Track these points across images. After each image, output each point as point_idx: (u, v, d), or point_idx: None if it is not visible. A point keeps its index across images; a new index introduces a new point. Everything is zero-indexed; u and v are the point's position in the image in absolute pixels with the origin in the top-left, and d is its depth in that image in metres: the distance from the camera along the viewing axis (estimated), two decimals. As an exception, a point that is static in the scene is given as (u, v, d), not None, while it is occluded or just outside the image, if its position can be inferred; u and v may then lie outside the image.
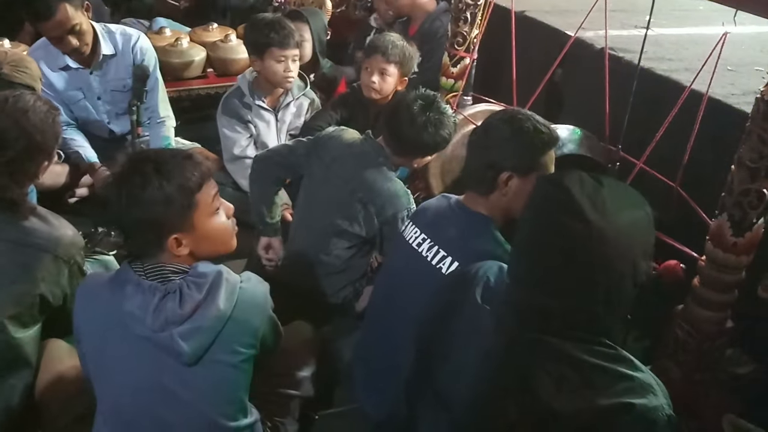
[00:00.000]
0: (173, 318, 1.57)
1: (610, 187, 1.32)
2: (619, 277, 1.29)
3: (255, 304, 1.69)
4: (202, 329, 1.58)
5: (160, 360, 1.59)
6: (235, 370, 1.67)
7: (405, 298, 1.96)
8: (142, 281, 1.60)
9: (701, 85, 2.26)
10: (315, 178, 2.52)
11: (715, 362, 2.05)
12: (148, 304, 1.57)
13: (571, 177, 1.32)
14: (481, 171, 1.89)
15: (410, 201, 2.42)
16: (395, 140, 2.41)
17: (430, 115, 2.34)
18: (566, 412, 1.27)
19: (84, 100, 3.20)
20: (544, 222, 1.32)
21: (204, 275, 1.62)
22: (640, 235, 1.31)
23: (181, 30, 4.05)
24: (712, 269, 1.93)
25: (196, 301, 1.58)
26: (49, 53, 3.06)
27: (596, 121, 2.65)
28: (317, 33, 3.64)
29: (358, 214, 2.42)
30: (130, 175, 1.60)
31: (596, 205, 1.27)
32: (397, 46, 3.05)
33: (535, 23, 3.58)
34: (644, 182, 2.26)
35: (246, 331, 1.66)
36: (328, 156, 2.50)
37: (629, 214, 1.31)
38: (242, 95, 3.11)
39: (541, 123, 1.89)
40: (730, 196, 1.87)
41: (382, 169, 2.41)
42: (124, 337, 1.59)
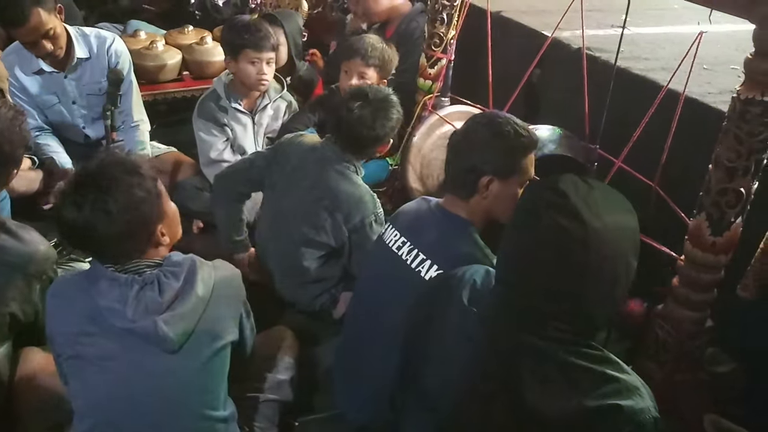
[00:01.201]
0: (154, 307, 1.58)
1: (600, 190, 1.34)
2: (615, 277, 1.30)
3: (231, 288, 1.73)
4: (185, 315, 1.60)
5: (142, 349, 1.60)
6: (215, 357, 1.68)
7: (385, 302, 1.95)
8: (117, 275, 1.61)
9: (678, 85, 2.27)
10: (277, 187, 2.51)
11: (695, 362, 2.06)
12: (127, 296, 1.58)
13: (566, 180, 1.33)
14: (462, 175, 1.88)
15: (376, 205, 2.41)
16: (350, 143, 2.41)
17: (374, 107, 2.36)
18: (552, 413, 1.28)
19: (59, 104, 3.15)
20: (540, 225, 1.31)
21: (179, 264, 1.65)
22: (630, 236, 1.33)
23: (157, 33, 4.01)
24: (691, 269, 1.94)
25: (175, 289, 1.61)
26: (22, 57, 3.01)
27: (575, 121, 2.65)
28: (292, 36, 3.63)
29: (325, 223, 2.41)
30: (105, 190, 1.58)
31: (590, 206, 1.28)
32: (377, 48, 3.04)
33: (511, 23, 3.57)
34: (623, 182, 2.26)
35: (224, 315, 1.70)
36: (288, 164, 2.49)
37: (620, 215, 1.33)
38: (218, 98, 3.07)
39: (521, 126, 1.88)
40: (708, 196, 1.88)
41: (345, 173, 2.40)
42: (103, 331, 1.59)
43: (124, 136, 3.17)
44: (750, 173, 1.82)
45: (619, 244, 1.30)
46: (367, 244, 2.38)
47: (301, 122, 3.07)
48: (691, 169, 2.10)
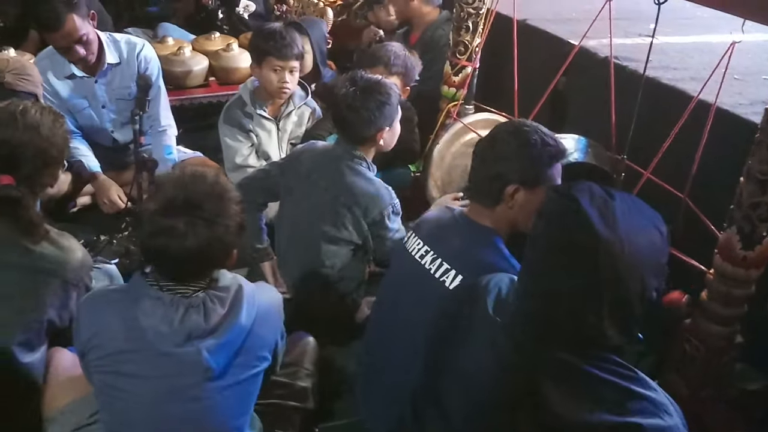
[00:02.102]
0: (197, 332, 1.57)
1: (622, 201, 1.29)
2: (626, 294, 1.25)
3: (271, 316, 1.73)
4: (228, 344, 1.60)
5: (180, 374, 1.59)
6: (250, 383, 1.69)
7: (408, 310, 1.94)
8: (162, 295, 1.59)
9: (708, 95, 2.23)
10: (295, 192, 2.52)
11: (723, 378, 2.02)
12: (172, 319, 1.57)
13: (581, 188, 1.29)
14: (487, 183, 1.87)
15: (392, 196, 2.44)
16: (342, 128, 2.46)
17: (360, 89, 2.37)
18: (575, 427, 1.25)
19: (89, 108, 3.20)
20: (552, 233, 1.30)
21: (226, 289, 1.64)
22: (650, 252, 1.27)
23: (184, 38, 4.05)
24: (721, 283, 1.90)
25: (220, 315, 1.60)
26: (55, 62, 3.07)
27: (601, 131, 2.62)
28: (317, 43, 3.66)
29: (345, 219, 2.42)
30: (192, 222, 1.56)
31: (606, 217, 1.23)
32: (399, 56, 3.04)
33: (537, 32, 3.55)
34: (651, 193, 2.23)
35: (263, 344, 1.70)
36: (303, 168, 2.51)
37: (640, 230, 1.27)
38: (244, 104, 3.10)
39: (548, 135, 1.87)
40: (739, 209, 1.85)
41: (359, 170, 2.43)
42: (142, 351, 1.58)
43: (152, 141, 3.20)
44: (783, 187, 1.79)
45: (634, 260, 1.24)
46: (387, 234, 2.43)
47: (324, 128, 3.07)
48: (721, 182, 2.06)
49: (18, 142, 1.90)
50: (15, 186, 1.86)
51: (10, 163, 1.89)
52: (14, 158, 1.90)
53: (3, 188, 1.84)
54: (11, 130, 1.90)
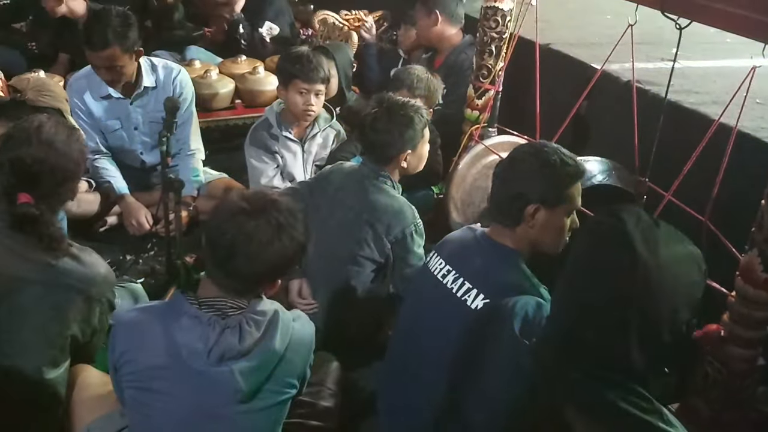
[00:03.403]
0: (231, 353, 1.58)
1: (666, 230, 1.31)
2: (656, 320, 1.27)
3: (304, 345, 1.74)
4: (260, 368, 1.61)
5: (212, 394, 1.60)
6: (277, 410, 1.70)
7: (430, 329, 1.95)
8: (200, 314, 1.61)
9: (730, 119, 2.24)
10: (322, 211, 2.56)
11: (745, 400, 2.01)
12: (208, 338, 1.58)
13: (630, 211, 1.32)
14: (508, 203, 1.89)
15: (416, 215, 2.46)
16: (369, 149, 2.50)
17: (386, 110, 2.43)
18: None
19: (121, 129, 3.27)
20: (594, 250, 1.32)
21: (263, 313, 1.65)
22: (686, 283, 1.29)
23: (211, 61, 4.13)
24: (742, 306, 1.90)
25: (255, 338, 1.61)
26: (92, 82, 3.15)
27: (623, 154, 2.64)
28: (343, 68, 3.72)
29: (367, 236, 2.44)
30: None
31: (648, 241, 1.25)
32: (422, 79, 3.10)
33: (560, 56, 3.59)
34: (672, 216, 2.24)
35: (293, 371, 1.70)
36: (331, 187, 2.56)
37: (679, 260, 1.29)
38: (270, 126, 3.15)
39: (568, 155, 1.89)
40: (760, 232, 1.85)
41: (383, 188, 2.46)
42: (176, 368, 1.59)
43: (180, 163, 3.26)
44: (804, 209, 1.80)
45: (668, 287, 1.26)
46: (409, 257, 2.44)
47: (349, 150, 3.12)
48: (743, 205, 2.07)
49: (34, 159, 1.88)
50: (33, 204, 1.85)
51: (27, 180, 1.88)
52: (31, 175, 1.89)
53: (21, 206, 1.83)
54: (27, 147, 1.88)
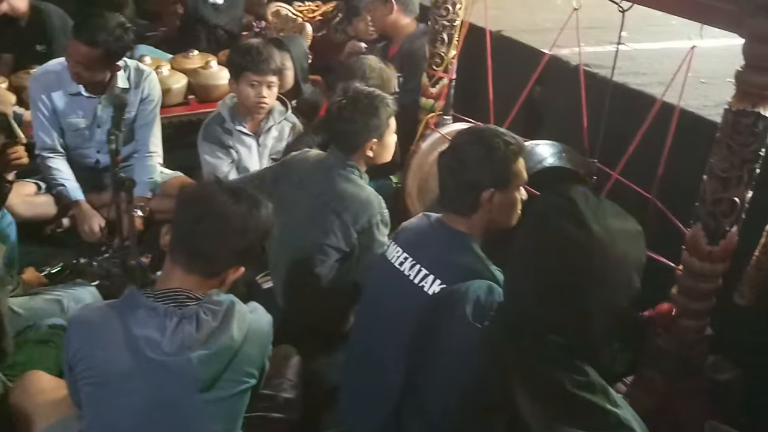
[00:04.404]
0: (189, 342, 1.58)
1: (609, 204, 1.37)
2: (615, 290, 1.31)
3: (261, 335, 1.74)
4: (218, 356, 1.61)
5: (171, 383, 1.60)
6: (237, 400, 1.69)
7: (388, 317, 1.97)
8: (156, 306, 1.61)
9: (674, 98, 2.30)
10: (288, 199, 2.56)
11: (696, 370, 2.07)
12: (165, 328, 1.58)
13: (576, 191, 1.36)
14: (463, 193, 1.91)
15: (382, 205, 2.47)
16: (336, 138, 2.53)
17: (352, 100, 2.46)
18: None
19: (83, 128, 3.22)
20: (548, 231, 1.34)
21: (219, 303, 1.65)
22: (634, 250, 1.34)
23: (162, 58, 4.08)
24: (690, 278, 1.95)
25: (212, 327, 1.61)
26: (63, 78, 3.10)
27: (575, 137, 2.68)
28: (298, 60, 3.69)
29: (334, 226, 2.45)
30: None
31: (598, 217, 1.30)
32: (375, 69, 3.10)
33: (512, 42, 3.62)
34: (622, 194, 2.29)
35: (252, 361, 1.70)
36: (296, 176, 2.57)
37: (626, 229, 1.35)
38: (223, 121, 3.13)
39: (506, 134, 1.93)
40: (703, 206, 1.90)
41: (350, 178, 2.47)
42: (134, 360, 1.58)
43: (136, 165, 3.24)
44: (743, 183, 1.85)
45: (621, 258, 1.31)
46: (374, 246, 2.44)
47: (305, 143, 3.11)
48: (689, 181, 2.12)
49: None
50: None
51: None
52: None
53: None
54: None
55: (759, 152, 1.84)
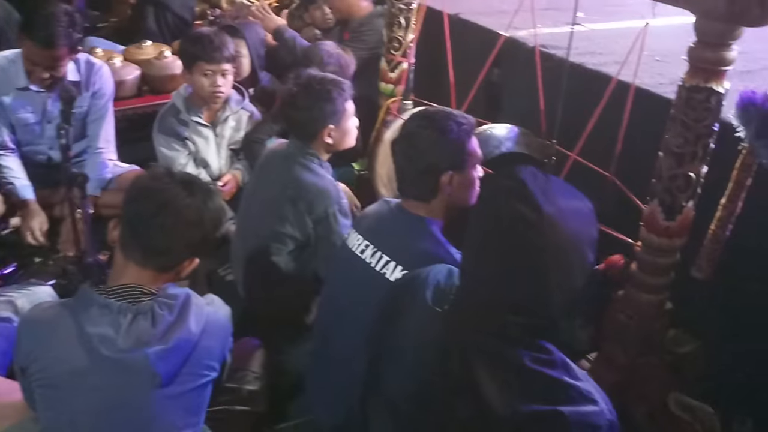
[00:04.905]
0: (145, 338, 1.56)
1: (557, 182, 1.38)
2: (569, 267, 1.31)
3: (220, 327, 1.72)
4: (176, 351, 1.58)
5: (128, 381, 1.57)
6: (198, 394, 1.67)
7: (351, 305, 1.96)
8: (109, 303, 1.58)
9: (630, 77, 2.31)
10: (247, 188, 2.53)
11: (657, 344, 2.10)
12: (119, 324, 1.55)
13: (525, 170, 1.36)
14: (421, 179, 1.90)
15: (340, 195, 2.45)
16: (292, 125, 2.50)
17: (304, 86, 2.43)
18: (507, 415, 1.28)
19: (35, 124, 3.12)
20: (498, 211, 1.34)
21: (175, 296, 1.62)
22: (585, 226, 1.35)
23: (114, 49, 3.98)
24: (648, 253, 1.98)
25: (169, 322, 1.58)
26: (9, 73, 2.99)
27: (534, 118, 2.69)
28: (254, 47, 3.62)
29: (289, 213, 2.42)
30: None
31: (547, 195, 1.30)
32: (333, 55, 3.07)
33: (470, 25, 3.61)
34: (581, 175, 2.30)
35: (212, 354, 1.68)
36: (257, 164, 2.56)
37: (575, 206, 1.35)
38: (178, 112, 3.08)
39: (458, 114, 1.93)
40: (659, 182, 1.92)
41: (309, 166, 2.45)
42: (89, 360, 1.55)
43: (88, 160, 3.16)
44: (698, 158, 1.87)
45: (573, 234, 1.31)
46: (332, 237, 2.41)
47: (264, 132, 3.08)
48: (646, 158, 2.14)
49: None
50: None
51: None
52: None
53: None
54: None
55: (713, 127, 1.86)
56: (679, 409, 2.07)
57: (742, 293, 2.26)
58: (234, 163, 3.21)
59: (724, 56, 1.77)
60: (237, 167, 3.17)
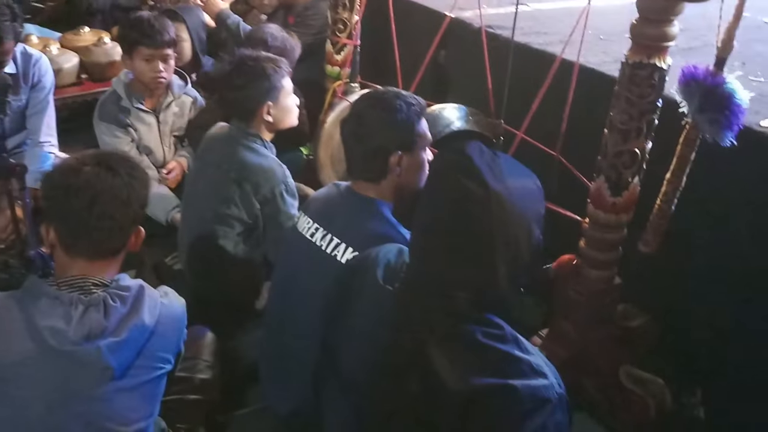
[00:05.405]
0: (97, 330, 1.53)
1: (505, 159, 1.37)
2: (516, 243, 1.31)
3: (175, 319, 1.71)
4: (129, 343, 1.56)
5: (81, 374, 1.54)
6: (153, 386, 1.65)
7: (303, 289, 1.94)
8: (60, 294, 1.54)
9: (575, 56, 2.33)
10: (191, 171, 2.51)
11: (607, 318, 2.13)
12: (71, 317, 1.52)
13: (472, 146, 1.35)
14: (370, 160, 1.88)
15: (286, 174, 2.42)
16: (236, 111, 2.46)
17: (236, 64, 2.41)
18: (459, 390, 1.28)
19: None
20: (446, 188, 1.33)
21: (127, 288, 1.60)
22: (532, 203, 1.35)
23: (51, 36, 3.86)
24: (595, 230, 2.00)
25: (122, 314, 1.56)
26: None
27: (482, 99, 2.70)
28: (195, 31, 3.57)
29: (234, 195, 2.38)
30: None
31: (494, 171, 1.30)
32: (277, 38, 3.02)
33: (413, 6, 3.60)
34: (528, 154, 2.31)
35: (166, 346, 1.67)
36: (198, 149, 2.53)
37: (522, 182, 1.35)
38: (119, 99, 3.00)
39: (407, 95, 1.91)
40: (605, 159, 1.94)
41: (252, 146, 2.42)
42: (40, 352, 1.51)
43: (28, 151, 3.07)
44: (643, 134, 1.90)
45: (520, 210, 1.31)
46: (280, 217, 2.39)
47: (208, 118, 2.99)
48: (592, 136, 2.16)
49: None
50: None
51: None
52: None
53: None
54: None
55: (656, 103, 1.88)
56: (630, 382, 2.10)
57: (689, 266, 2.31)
58: (179, 150, 3.15)
59: (666, 32, 1.79)
60: (182, 154, 3.12)
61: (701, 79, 1.80)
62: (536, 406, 1.26)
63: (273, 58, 2.45)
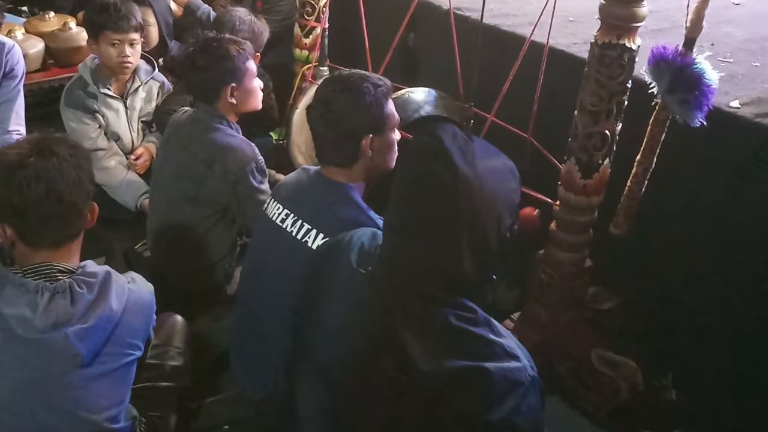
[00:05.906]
0: (64, 318, 1.52)
1: (480, 143, 1.34)
2: (483, 229, 1.29)
3: (143, 305, 1.71)
4: (97, 330, 1.56)
5: (49, 362, 1.54)
6: (123, 373, 1.65)
7: (274, 275, 1.93)
8: (25, 282, 1.53)
9: (545, 38, 2.33)
10: (158, 157, 2.50)
11: (579, 301, 2.14)
12: (37, 305, 1.51)
13: (445, 128, 1.33)
14: (341, 144, 1.86)
15: (255, 152, 2.40)
16: (201, 93, 2.44)
17: (199, 45, 2.39)
18: (432, 373, 1.28)
19: None
20: (416, 170, 1.32)
21: (94, 275, 1.60)
22: (504, 190, 1.32)
23: (15, 21, 3.77)
24: (566, 212, 2.01)
25: (89, 301, 1.56)
26: None
27: (452, 81, 2.68)
28: (162, 15, 3.52)
29: (203, 177, 2.36)
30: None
31: (466, 155, 1.27)
32: (245, 21, 2.99)
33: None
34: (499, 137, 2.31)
35: (134, 332, 1.67)
36: (165, 133, 2.51)
37: (496, 170, 1.32)
38: (85, 84, 2.95)
39: (372, 76, 1.90)
40: (575, 141, 1.94)
41: (219, 128, 2.40)
42: (7, 340, 1.51)
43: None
44: (613, 115, 1.90)
45: (489, 196, 1.29)
46: (254, 195, 2.36)
47: (177, 103, 2.96)
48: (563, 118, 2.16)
49: None
50: None
51: None
52: None
53: None
54: None
55: (626, 84, 1.89)
56: (602, 364, 2.11)
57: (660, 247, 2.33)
58: (147, 136, 3.10)
59: (635, 12, 1.80)
60: (150, 139, 3.08)
61: (671, 59, 1.80)
62: (509, 388, 1.26)
63: (236, 40, 2.43)
